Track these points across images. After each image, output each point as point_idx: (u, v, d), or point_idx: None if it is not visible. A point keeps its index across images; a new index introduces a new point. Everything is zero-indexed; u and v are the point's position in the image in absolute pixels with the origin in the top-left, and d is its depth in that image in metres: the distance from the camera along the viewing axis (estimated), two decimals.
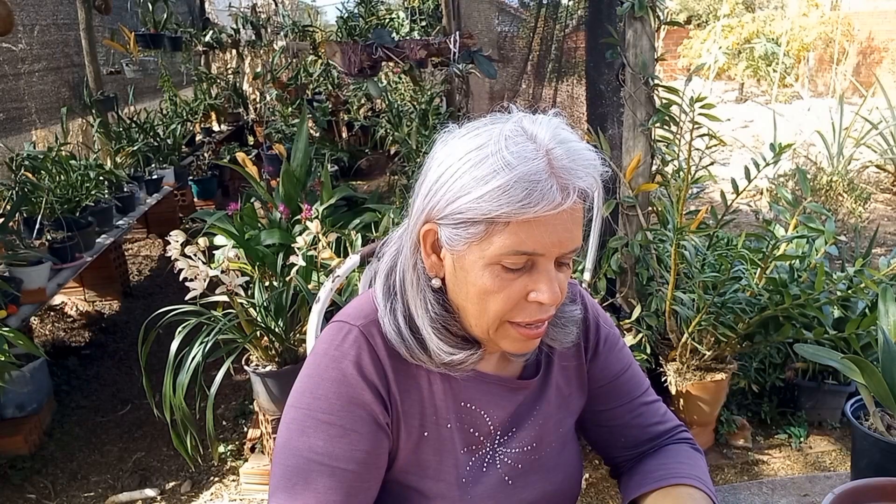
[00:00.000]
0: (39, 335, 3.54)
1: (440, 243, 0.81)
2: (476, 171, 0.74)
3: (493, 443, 0.92)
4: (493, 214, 0.73)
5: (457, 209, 0.75)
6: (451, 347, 0.83)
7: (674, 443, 1.01)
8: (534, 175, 0.72)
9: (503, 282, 0.77)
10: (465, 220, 0.75)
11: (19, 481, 2.46)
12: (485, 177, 0.73)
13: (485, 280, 0.77)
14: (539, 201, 0.72)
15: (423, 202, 0.79)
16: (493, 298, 0.78)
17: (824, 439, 2.57)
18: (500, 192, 0.72)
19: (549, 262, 0.77)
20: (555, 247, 0.76)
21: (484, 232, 0.75)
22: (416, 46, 3.21)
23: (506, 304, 0.78)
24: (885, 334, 1.17)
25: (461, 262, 0.79)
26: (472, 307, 0.81)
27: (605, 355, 1.00)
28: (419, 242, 0.82)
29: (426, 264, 0.83)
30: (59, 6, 4.08)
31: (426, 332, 0.84)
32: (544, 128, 0.75)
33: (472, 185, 0.74)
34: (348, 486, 0.83)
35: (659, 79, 2.42)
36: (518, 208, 0.72)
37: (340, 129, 6.02)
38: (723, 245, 2.57)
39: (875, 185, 5.69)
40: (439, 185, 0.77)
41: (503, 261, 0.76)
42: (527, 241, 0.74)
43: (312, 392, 0.84)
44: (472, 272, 0.78)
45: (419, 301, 0.84)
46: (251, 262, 2.57)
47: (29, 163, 3.18)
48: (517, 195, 0.72)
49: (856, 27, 9.61)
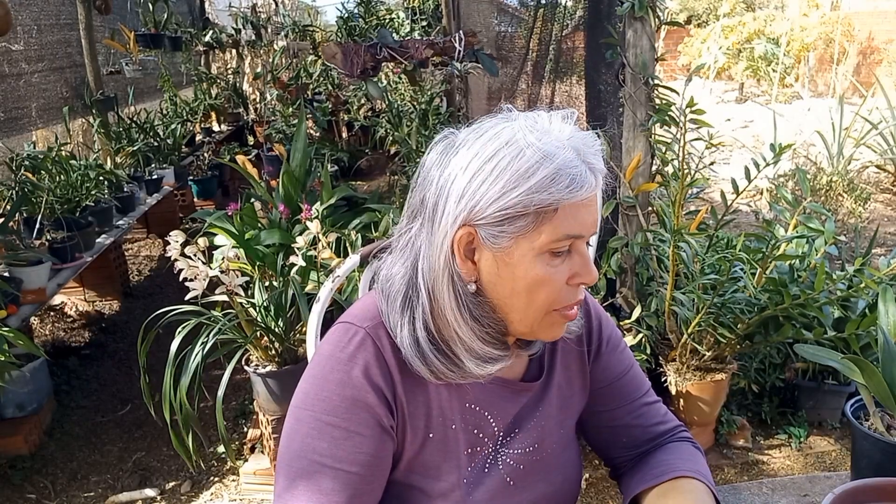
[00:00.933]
0: (39, 335, 3.54)
1: (474, 246, 0.81)
2: (516, 165, 0.77)
3: (495, 444, 0.93)
4: (545, 203, 0.76)
5: (503, 206, 0.77)
6: (494, 350, 0.85)
7: (674, 441, 1.01)
8: (571, 162, 0.77)
9: (552, 269, 0.80)
10: (513, 215, 0.77)
11: (19, 481, 2.46)
12: (529, 170, 0.76)
13: (537, 270, 0.80)
14: (582, 185, 0.77)
15: (455, 208, 0.78)
16: (542, 288, 0.81)
17: (824, 439, 2.57)
18: (549, 181, 0.76)
19: (583, 244, 0.82)
20: (592, 226, 0.81)
21: (533, 223, 0.78)
22: (421, 46, 3.20)
23: (553, 291, 0.81)
24: (885, 334, 1.17)
25: (508, 257, 0.80)
26: (520, 301, 0.82)
27: (607, 356, 1.00)
28: (453, 251, 0.81)
29: (462, 270, 0.82)
30: (59, 6, 4.08)
31: (468, 341, 0.83)
32: (554, 122, 0.80)
33: (516, 180, 0.76)
34: (353, 488, 0.83)
35: (659, 79, 2.42)
36: (567, 194, 0.76)
37: (340, 129, 6.02)
38: (723, 245, 2.57)
39: (875, 185, 5.69)
40: (476, 186, 0.78)
41: (553, 247, 0.79)
42: (574, 225, 0.79)
43: (317, 394, 0.84)
44: (521, 265, 0.80)
45: (461, 311, 0.82)
46: (251, 262, 2.57)
47: (29, 163, 3.18)
48: (564, 182, 0.76)
49: (856, 27, 9.61)
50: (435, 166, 0.81)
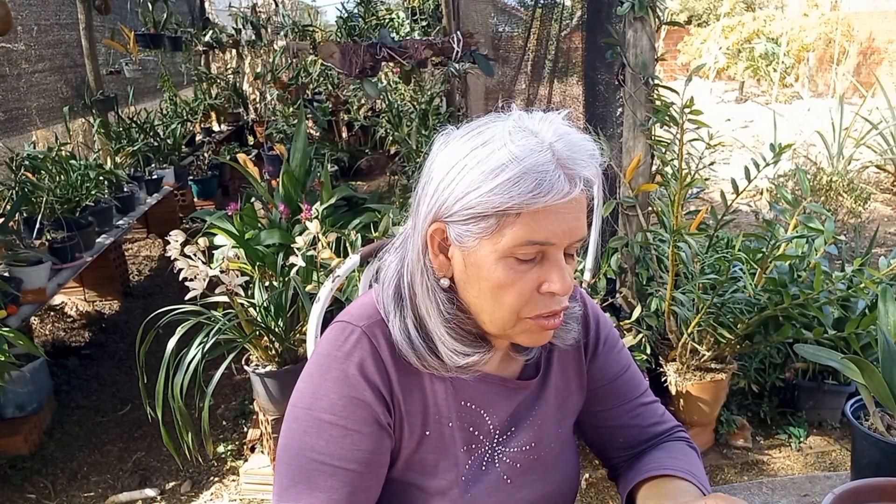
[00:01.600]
0: (39, 335, 3.54)
1: (448, 242, 0.81)
2: (484, 165, 0.75)
3: (492, 442, 0.93)
4: (505, 206, 0.74)
5: (467, 205, 0.76)
6: (466, 347, 0.84)
7: (670, 440, 1.01)
8: (541, 166, 0.74)
9: (516, 274, 0.78)
10: (475, 215, 0.76)
11: (19, 481, 2.46)
12: (493, 170, 0.75)
13: (498, 273, 0.78)
14: (549, 191, 0.74)
15: (429, 203, 0.80)
16: (507, 292, 0.79)
17: (824, 439, 2.57)
18: (511, 183, 0.74)
19: (559, 252, 0.79)
20: (565, 236, 0.77)
21: (495, 225, 0.76)
22: (421, 46, 3.20)
23: (520, 297, 0.79)
24: (885, 334, 1.17)
25: (473, 257, 0.80)
26: (486, 303, 0.81)
27: (604, 356, 1.00)
28: (427, 244, 0.82)
29: (434, 265, 0.83)
30: (59, 6, 4.08)
31: (439, 335, 0.83)
32: (544, 123, 0.78)
33: (481, 180, 0.75)
34: (351, 486, 0.83)
35: (659, 79, 2.42)
36: (529, 198, 0.73)
37: (340, 129, 6.02)
38: (723, 245, 2.57)
39: (875, 185, 5.69)
40: (446, 183, 0.78)
41: (516, 252, 0.77)
42: (539, 231, 0.76)
43: (315, 392, 0.85)
44: (485, 267, 0.79)
45: (430, 303, 0.84)
46: (251, 262, 2.57)
47: (29, 163, 3.18)
48: (527, 186, 0.73)
49: (856, 27, 9.60)
50: (428, 161, 0.83)
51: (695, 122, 2.18)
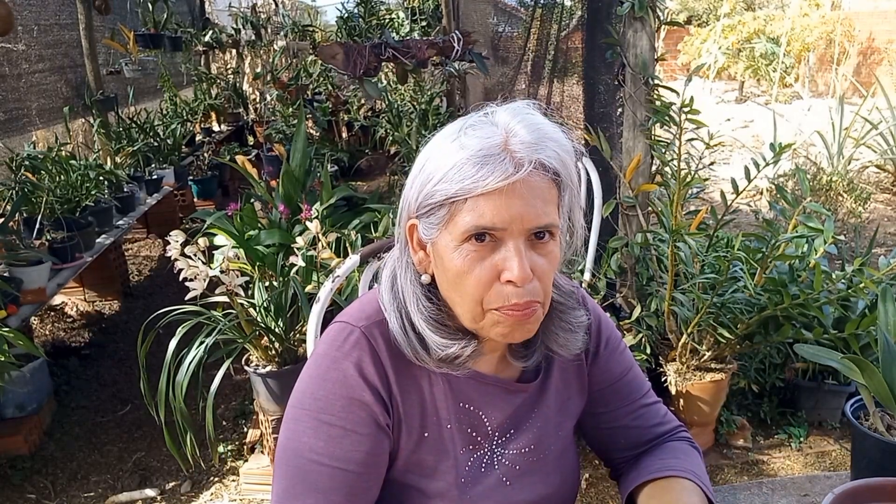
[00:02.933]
0: (39, 335, 3.54)
1: (422, 237, 0.83)
2: (438, 158, 0.78)
3: (491, 444, 0.93)
4: (451, 192, 0.76)
5: (425, 198, 0.79)
6: (445, 339, 0.84)
7: (672, 441, 1.01)
8: (486, 151, 0.75)
9: (473, 262, 0.78)
10: (432, 206, 0.79)
11: (19, 481, 2.46)
12: (444, 161, 0.77)
13: (456, 261, 0.79)
14: (490, 174, 0.74)
15: (404, 200, 0.83)
16: (466, 279, 0.79)
17: (824, 439, 2.57)
18: (455, 171, 0.76)
19: (516, 239, 0.77)
20: (516, 220, 0.76)
21: (448, 214, 0.78)
22: (424, 46, 3.20)
23: (479, 285, 0.79)
24: (885, 334, 1.17)
25: (437, 249, 0.82)
26: (455, 294, 0.82)
27: (606, 358, 1.00)
28: (407, 240, 0.85)
29: (414, 260, 0.86)
30: (59, 6, 4.08)
31: (422, 329, 0.84)
32: (508, 111, 0.79)
33: (433, 171, 0.78)
34: (349, 487, 0.83)
35: (659, 79, 2.42)
36: (470, 183, 0.75)
37: (340, 129, 6.02)
38: (723, 245, 2.57)
39: (875, 185, 5.69)
40: (412, 179, 0.81)
41: (469, 238, 0.78)
42: (485, 215, 0.76)
43: (314, 393, 0.85)
44: (446, 256, 0.80)
45: (413, 298, 0.85)
46: (251, 262, 2.57)
47: (29, 163, 3.18)
48: (469, 171, 0.75)
49: (856, 27, 9.60)
50: None
51: (694, 122, 2.18)
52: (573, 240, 0.87)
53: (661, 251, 2.48)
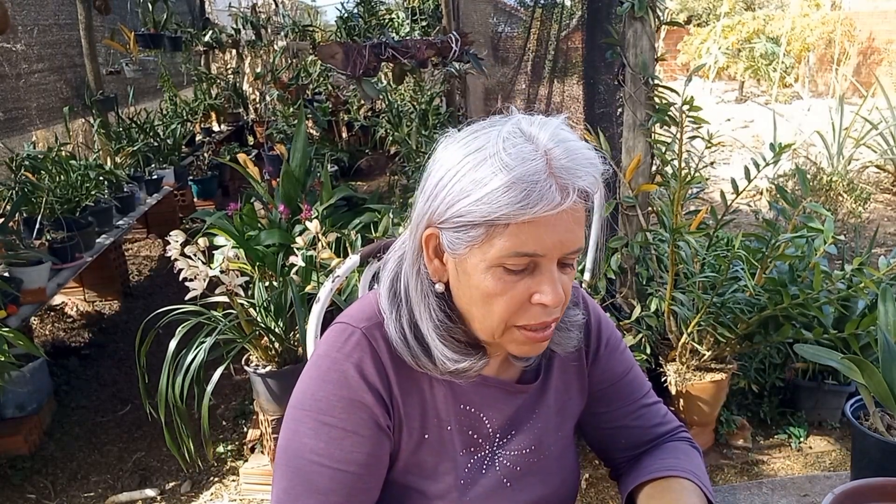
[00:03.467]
0: (39, 335, 3.54)
1: (442, 248, 0.80)
2: (475, 173, 0.74)
3: (491, 445, 0.92)
4: (493, 216, 0.73)
5: (457, 212, 0.75)
6: (456, 354, 0.83)
7: (672, 441, 1.01)
8: (532, 175, 0.71)
9: (506, 284, 0.77)
10: (465, 224, 0.75)
11: (19, 481, 2.46)
12: (483, 179, 0.73)
13: (487, 283, 0.77)
14: (538, 202, 0.71)
15: (423, 207, 0.79)
16: (496, 301, 0.78)
17: (824, 439, 2.57)
18: (499, 193, 0.72)
19: (551, 263, 0.77)
20: (556, 248, 0.75)
21: (484, 235, 0.75)
22: (423, 46, 3.20)
23: (509, 307, 0.78)
24: (885, 334, 1.17)
25: (463, 265, 0.79)
26: (477, 311, 0.80)
27: (606, 358, 1.00)
28: (422, 248, 0.82)
29: (429, 269, 0.83)
30: (59, 6, 4.08)
31: (431, 340, 0.83)
32: (543, 128, 0.75)
33: (471, 188, 0.74)
34: (350, 488, 0.83)
35: (659, 79, 2.42)
36: (517, 209, 0.71)
37: (340, 129, 6.01)
38: (723, 245, 2.57)
39: (875, 186, 5.69)
40: (439, 188, 0.77)
41: (505, 263, 0.75)
42: (527, 242, 0.74)
43: (314, 394, 0.84)
44: (475, 275, 0.78)
45: (423, 307, 0.83)
46: (251, 262, 2.57)
47: (29, 163, 3.18)
48: (516, 196, 0.71)
49: (856, 27, 9.60)
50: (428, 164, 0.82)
51: (694, 120, 2.18)
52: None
53: (661, 251, 2.48)
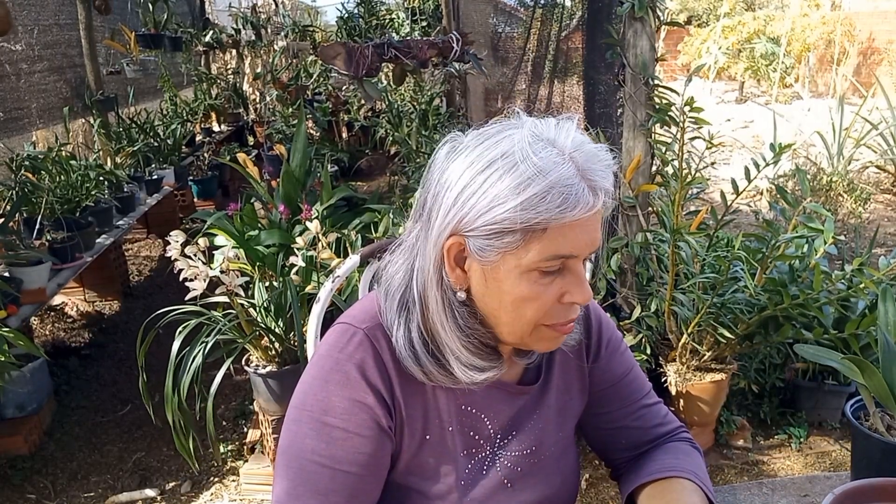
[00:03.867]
0: (39, 335, 3.54)
1: (465, 255, 0.80)
2: (508, 180, 0.74)
3: (493, 446, 0.92)
4: (533, 222, 0.73)
5: (491, 220, 0.75)
6: (483, 361, 0.83)
7: (672, 441, 1.01)
8: (567, 180, 0.73)
9: (540, 287, 0.78)
10: (500, 231, 0.75)
11: (19, 481, 2.46)
12: (519, 185, 0.73)
13: (522, 288, 0.78)
14: (576, 205, 0.73)
15: (446, 216, 0.77)
16: (529, 305, 0.79)
17: (824, 439, 2.57)
18: (538, 199, 0.73)
19: (579, 263, 0.79)
20: (587, 247, 0.78)
21: (521, 240, 0.75)
22: (424, 46, 3.20)
23: (541, 310, 0.79)
24: (885, 334, 1.17)
25: (495, 272, 0.78)
26: (507, 315, 0.81)
27: (607, 359, 1.00)
28: (443, 257, 0.80)
29: (451, 278, 0.82)
30: (59, 7, 4.08)
31: (454, 349, 0.82)
32: (562, 133, 0.76)
33: (506, 195, 0.74)
34: (351, 489, 0.83)
35: (659, 79, 2.42)
36: (557, 213, 0.73)
37: (340, 130, 6.02)
38: (723, 245, 2.57)
39: (875, 186, 5.69)
40: (466, 197, 0.76)
41: (541, 266, 0.76)
42: (564, 245, 0.75)
43: (316, 394, 0.84)
44: (508, 281, 0.78)
45: (446, 317, 0.82)
46: (251, 262, 2.57)
47: (29, 163, 3.18)
48: (555, 201, 0.73)
49: (856, 27, 9.60)
50: (437, 170, 0.80)
51: (695, 120, 2.18)
52: None
53: (661, 251, 2.48)
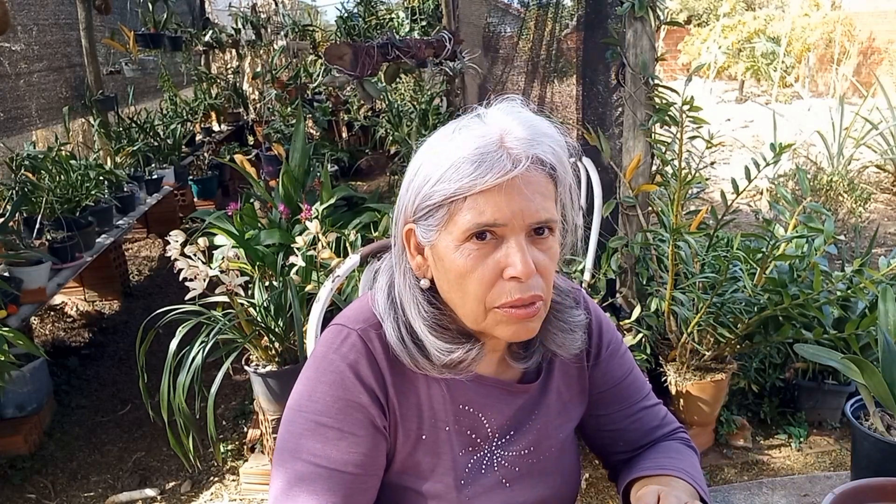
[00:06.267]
0: (39, 335, 3.54)
1: (420, 241, 0.83)
2: (434, 159, 0.79)
3: (491, 446, 0.92)
4: (450, 192, 0.77)
5: (423, 200, 0.79)
6: (448, 344, 0.83)
7: (668, 440, 1.01)
8: (483, 149, 0.76)
9: (475, 260, 0.79)
10: (430, 207, 0.79)
11: (19, 481, 2.46)
12: (440, 163, 0.78)
13: (458, 261, 0.79)
14: (488, 171, 0.75)
15: (402, 206, 0.83)
16: (468, 279, 0.79)
17: (824, 439, 2.57)
18: (453, 170, 0.76)
19: (517, 235, 0.78)
20: (517, 216, 0.77)
21: (447, 213, 0.78)
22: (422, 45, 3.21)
23: (482, 283, 0.79)
24: (885, 334, 1.17)
25: (437, 251, 0.81)
26: (456, 295, 0.82)
27: (607, 361, 1.00)
28: (404, 246, 0.85)
29: (412, 265, 0.85)
30: (59, 6, 4.08)
31: (423, 334, 0.84)
32: (499, 109, 0.81)
33: (430, 173, 0.79)
34: (347, 489, 0.83)
35: (659, 79, 2.42)
36: (469, 181, 0.76)
37: (340, 129, 6.02)
38: (723, 245, 2.57)
39: (875, 185, 5.69)
40: (407, 184, 0.82)
41: (468, 235, 0.78)
42: (485, 212, 0.77)
43: (311, 395, 0.85)
44: (447, 257, 0.80)
45: (412, 304, 0.85)
46: (251, 261, 2.57)
47: (29, 163, 3.18)
48: (467, 169, 0.76)
49: (856, 27, 9.60)
50: None
51: (694, 120, 2.18)
52: (567, 238, 0.86)
53: (661, 251, 2.48)
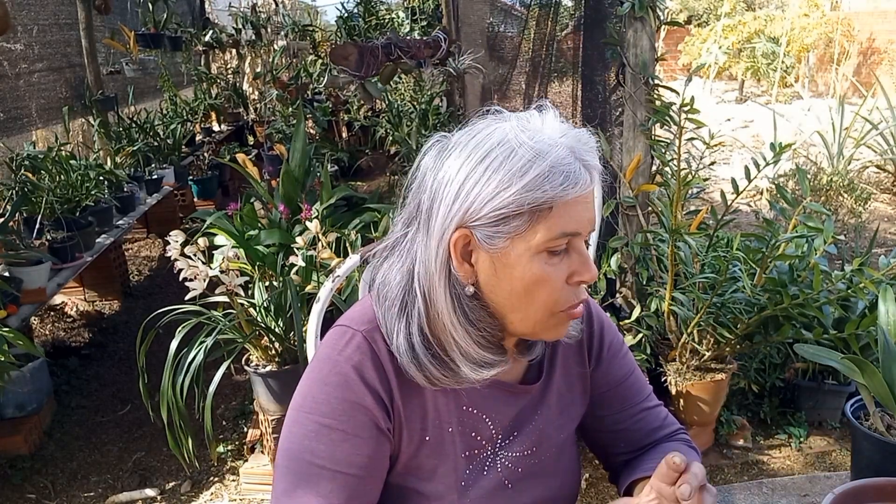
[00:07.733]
0: (39, 335, 3.54)
1: (471, 248, 0.80)
2: (509, 164, 0.76)
3: (494, 446, 0.92)
4: (539, 202, 0.76)
5: (497, 206, 0.77)
6: (492, 356, 0.84)
7: (669, 441, 1.01)
8: (564, 159, 0.77)
9: (550, 268, 0.80)
10: (507, 215, 0.77)
11: (19, 481, 2.46)
12: (521, 169, 0.76)
13: (534, 270, 0.79)
14: (576, 182, 0.77)
15: (449, 212, 0.78)
16: (541, 288, 0.80)
17: (824, 439, 2.57)
18: (542, 179, 0.76)
19: (581, 242, 0.81)
20: (589, 224, 0.81)
21: (528, 222, 0.77)
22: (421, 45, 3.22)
23: (554, 292, 0.81)
24: (885, 334, 1.17)
25: (504, 259, 0.79)
26: (519, 302, 0.81)
27: (608, 361, 1.00)
28: (450, 253, 0.80)
29: (459, 272, 0.81)
30: (59, 6, 4.08)
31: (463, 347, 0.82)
32: (546, 120, 0.80)
33: (509, 180, 0.76)
34: (350, 490, 0.83)
35: (659, 79, 2.42)
36: (561, 191, 0.76)
37: (340, 129, 6.02)
38: (723, 245, 2.57)
39: (875, 185, 5.69)
40: (469, 188, 0.77)
41: (550, 246, 0.79)
42: (570, 222, 0.78)
43: (314, 396, 0.84)
44: (519, 266, 0.79)
45: (456, 314, 0.81)
46: (251, 262, 2.57)
47: (29, 163, 3.18)
48: (558, 179, 0.76)
49: (856, 27, 9.60)
50: (429, 171, 0.81)
51: (693, 122, 2.18)
52: None
53: (661, 251, 2.48)
